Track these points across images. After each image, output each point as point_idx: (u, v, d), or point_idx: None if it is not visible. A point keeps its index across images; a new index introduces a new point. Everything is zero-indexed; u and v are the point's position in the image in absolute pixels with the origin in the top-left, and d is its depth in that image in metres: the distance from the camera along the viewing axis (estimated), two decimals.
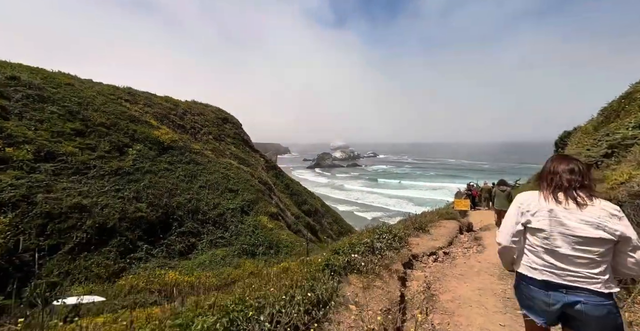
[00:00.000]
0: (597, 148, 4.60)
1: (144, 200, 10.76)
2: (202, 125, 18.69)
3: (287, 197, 27.86)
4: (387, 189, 74.73)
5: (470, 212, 10.06)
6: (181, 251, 11.26)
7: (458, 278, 3.40)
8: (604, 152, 4.42)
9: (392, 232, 3.81)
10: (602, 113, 9.51)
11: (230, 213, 14.45)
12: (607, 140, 4.55)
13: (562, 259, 1.51)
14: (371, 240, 3.34)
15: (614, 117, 6.94)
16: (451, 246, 4.58)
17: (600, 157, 4.42)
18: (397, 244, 3.64)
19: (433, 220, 6.24)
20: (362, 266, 2.76)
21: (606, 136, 4.74)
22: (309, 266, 2.83)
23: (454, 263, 3.87)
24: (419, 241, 4.39)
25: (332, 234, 29.04)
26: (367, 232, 3.95)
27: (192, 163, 14.80)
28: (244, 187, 17.05)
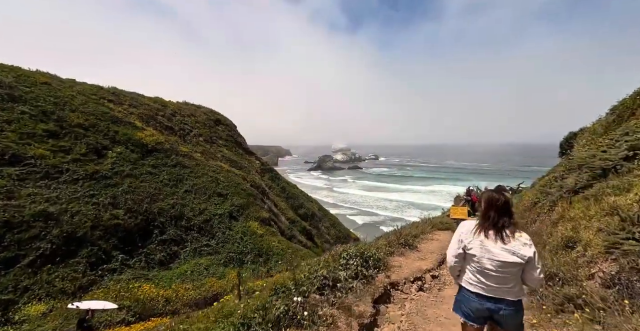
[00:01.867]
0: (615, 149, 3.94)
1: (121, 206, 10.12)
2: (192, 126, 18.11)
3: (283, 201, 27.19)
4: (386, 192, 73.83)
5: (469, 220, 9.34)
6: (161, 261, 10.59)
7: (443, 326, 2.68)
8: (624, 154, 3.76)
9: (365, 255, 3.10)
10: (612, 112, 8.81)
11: (217, 219, 13.80)
12: (627, 140, 3.89)
13: (489, 277, 1.98)
14: (330, 270, 2.65)
15: (628, 115, 6.27)
16: (442, 266, 3.91)
17: (620, 160, 3.77)
18: (371, 271, 2.97)
19: (425, 231, 5.56)
20: (306, 316, 2.08)
21: (625, 135, 4.07)
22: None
23: (441, 295, 3.16)
24: (402, 261, 3.71)
25: (329, 239, 28.32)
26: (331, 256, 3.25)
27: (178, 167, 14.17)
28: (234, 191, 16.41)
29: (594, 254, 2.43)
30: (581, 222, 2.95)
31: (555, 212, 4.12)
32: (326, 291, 2.46)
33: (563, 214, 3.49)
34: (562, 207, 3.82)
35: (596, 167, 3.99)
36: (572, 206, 3.48)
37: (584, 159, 4.39)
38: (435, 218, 6.54)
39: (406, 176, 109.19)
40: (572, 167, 4.76)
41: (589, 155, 4.35)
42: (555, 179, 5.23)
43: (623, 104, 8.54)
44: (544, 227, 3.89)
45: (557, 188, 4.71)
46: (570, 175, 4.59)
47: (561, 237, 2.98)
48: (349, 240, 30.67)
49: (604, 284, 2.08)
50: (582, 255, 2.57)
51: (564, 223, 3.25)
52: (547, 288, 2.32)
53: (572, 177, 4.40)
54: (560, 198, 4.43)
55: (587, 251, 2.53)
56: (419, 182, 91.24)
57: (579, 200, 3.45)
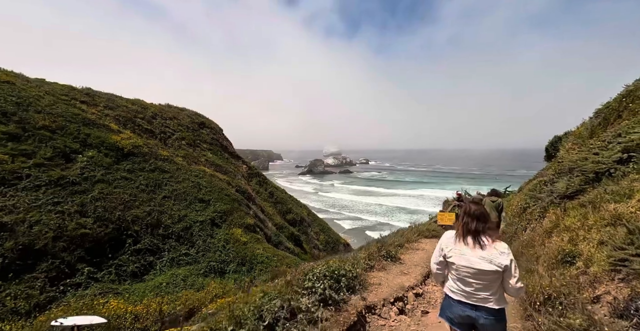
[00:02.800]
0: (608, 152, 3.70)
1: (90, 215, 9.40)
2: (174, 129, 17.41)
3: (271, 206, 26.58)
4: (375, 197, 73.87)
5: None
6: (134, 273, 9.86)
7: None
8: (618, 156, 3.51)
9: (337, 274, 2.66)
10: (597, 115, 8.77)
11: (198, 227, 13.13)
12: (620, 141, 3.65)
13: (468, 285, 2.09)
14: (290, 297, 2.19)
15: (614, 117, 6.14)
16: (428, 280, 3.53)
17: (613, 163, 3.52)
18: (343, 293, 2.54)
19: (410, 240, 5.19)
20: None
21: (618, 137, 3.85)
22: None
23: (425, 322, 2.74)
24: (383, 277, 3.31)
25: (318, 244, 27.78)
26: (294, 278, 2.78)
27: (157, 171, 13.47)
28: (217, 196, 15.77)
29: (597, 272, 2.11)
30: (579, 232, 2.65)
31: (547, 219, 3.84)
32: (279, 327, 2.01)
33: (557, 223, 3.19)
34: (554, 214, 3.54)
35: (588, 171, 3.74)
36: (567, 214, 3.19)
37: (575, 162, 4.15)
38: (421, 225, 6.19)
39: (396, 180, 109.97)
40: (563, 170, 4.53)
41: (580, 158, 4.10)
42: (545, 183, 5.00)
43: (608, 107, 8.52)
44: (536, 236, 3.59)
45: (548, 193, 4.46)
46: (561, 179, 4.35)
47: (557, 249, 2.66)
48: (339, 246, 30.22)
49: (614, 312, 1.75)
50: (583, 273, 2.25)
51: (559, 234, 2.94)
52: (546, 316, 1.98)
53: (563, 181, 4.15)
54: (551, 203, 4.16)
55: (589, 267, 2.20)
56: (408, 186, 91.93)
57: (574, 207, 3.16)
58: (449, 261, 2.14)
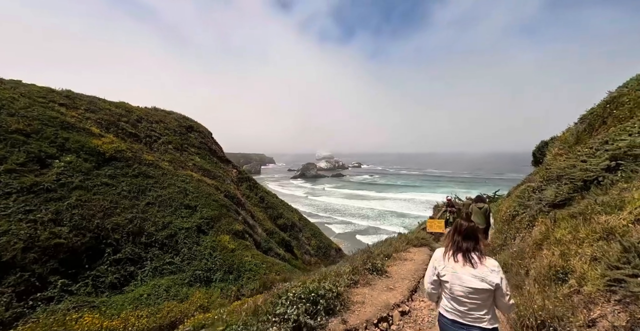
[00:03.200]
0: (596, 159, 3.61)
1: (65, 223, 8.91)
2: (160, 133, 16.95)
3: (261, 211, 26.18)
4: (367, 201, 73.97)
5: (448, 230, 8.99)
6: (113, 284, 9.38)
7: None
8: (605, 164, 3.43)
9: (315, 295, 2.43)
10: (582, 121, 8.86)
11: (183, 234, 12.69)
12: (607, 149, 3.58)
13: (461, 304, 2.07)
14: (257, 328, 1.94)
15: (599, 123, 6.15)
16: (415, 295, 3.33)
17: (602, 171, 3.43)
18: (321, 318, 2.31)
19: (398, 249, 5.01)
20: None
21: (605, 144, 3.78)
22: None
23: None
24: (367, 294, 3.09)
25: (309, 250, 27.43)
26: (264, 303, 2.54)
27: (140, 177, 13.01)
28: (204, 202, 15.36)
29: (592, 292, 1.96)
30: (570, 246, 2.51)
31: (536, 228, 3.72)
32: None
33: (547, 234, 3.06)
34: (544, 223, 3.41)
35: (577, 179, 3.65)
36: (556, 225, 3.07)
37: (564, 170, 4.06)
38: (410, 233, 6.03)
39: (387, 184, 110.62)
40: (551, 177, 4.45)
41: (568, 165, 4.02)
42: (534, 190, 4.92)
43: (592, 113, 8.62)
44: (526, 247, 3.46)
45: (536, 200, 4.36)
46: (549, 186, 4.26)
47: (548, 264, 2.52)
48: (330, 251, 29.92)
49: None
50: (576, 292, 2.10)
51: (549, 247, 2.81)
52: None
53: (552, 189, 4.06)
54: (540, 212, 4.06)
55: (583, 286, 2.06)
56: (399, 190, 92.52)
57: (564, 218, 3.04)
58: (442, 280, 2.14)
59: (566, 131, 11.20)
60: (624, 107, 5.35)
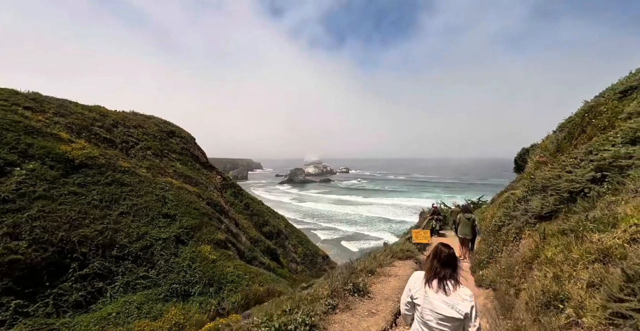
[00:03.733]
0: (581, 170, 3.51)
1: (24, 237, 8.15)
2: (138, 139, 16.19)
3: (246, 219, 25.50)
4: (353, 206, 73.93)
5: (433, 240, 8.83)
6: (78, 303, 8.62)
7: None
8: (591, 175, 3.32)
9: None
10: (561, 129, 8.99)
11: (160, 245, 11.99)
12: (592, 159, 3.48)
13: (430, 330, 2.06)
14: None
15: (579, 132, 6.18)
16: (399, 319, 3.05)
17: (587, 182, 3.31)
18: None
19: (383, 264, 4.75)
20: None
21: (589, 154, 3.69)
22: None
23: None
24: (346, 321, 2.78)
25: (296, 257, 26.85)
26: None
27: (114, 185, 12.26)
28: (184, 210, 14.68)
29: (592, 325, 1.74)
30: (564, 268, 2.32)
31: (524, 242, 3.55)
32: None
33: (537, 252, 2.88)
34: (532, 238, 3.24)
35: (562, 190, 3.53)
36: (546, 242, 2.89)
37: (549, 180, 3.95)
38: (395, 245, 5.79)
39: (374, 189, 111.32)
40: (536, 187, 4.34)
41: (553, 176, 3.91)
42: (519, 200, 4.81)
43: (571, 122, 8.77)
44: (514, 264, 3.27)
45: (522, 211, 4.22)
46: (534, 197, 4.14)
47: (541, 288, 2.31)
48: (317, 258, 29.43)
49: None
50: (574, 323, 1.88)
51: (540, 267, 2.61)
52: None
53: (537, 200, 3.93)
54: (526, 224, 3.91)
55: (582, 317, 1.84)
56: (386, 195, 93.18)
57: (554, 234, 2.88)
58: (415, 303, 2.17)
59: (546, 139, 11.41)
60: (602, 117, 5.38)
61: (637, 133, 3.40)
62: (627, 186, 2.79)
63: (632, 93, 5.17)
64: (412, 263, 5.45)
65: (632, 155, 3.09)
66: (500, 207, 7.76)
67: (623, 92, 5.55)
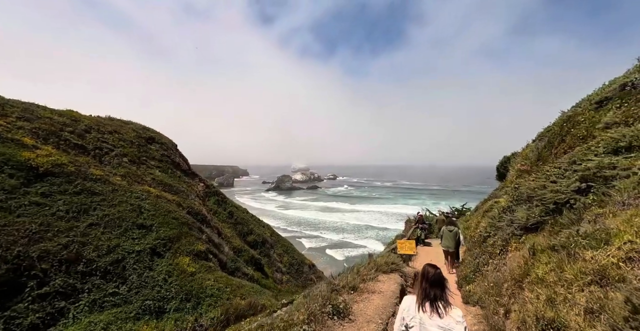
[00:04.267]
0: (566, 180, 3.41)
1: None
2: (114, 145, 15.38)
3: (230, 227, 24.70)
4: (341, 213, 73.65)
5: (419, 250, 8.67)
6: (34, 326, 7.80)
7: None
8: (576, 186, 3.22)
9: None
10: (540, 138, 9.14)
11: (133, 258, 11.24)
12: (576, 169, 3.40)
13: None
14: None
15: (558, 141, 6.23)
16: None
17: (572, 193, 3.21)
18: None
19: (366, 278, 4.47)
20: None
21: (573, 164, 3.62)
22: None
23: None
24: None
25: (281, 267, 26.16)
26: None
27: (84, 194, 11.46)
28: (162, 220, 13.94)
29: None
30: (557, 289, 2.13)
31: (510, 255, 3.38)
32: None
33: (527, 270, 2.69)
34: (520, 253, 3.08)
35: (548, 200, 3.42)
36: (536, 258, 2.72)
37: (534, 190, 3.85)
38: (379, 257, 5.54)
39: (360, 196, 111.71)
40: (521, 198, 4.23)
41: (538, 186, 3.81)
42: (504, 211, 4.70)
43: (550, 131, 8.95)
44: (502, 281, 3.08)
45: (507, 222, 4.09)
46: (519, 207, 4.02)
47: (535, 313, 2.11)
48: (303, 267, 28.80)
49: None
50: None
51: (532, 287, 2.42)
52: None
53: (522, 211, 3.81)
54: (512, 235, 3.76)
55: None
56: (373, 202, 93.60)
57: (543, 250, 2.71)
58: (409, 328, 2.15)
59: (526, 147, 11.65)
60: (580, 126, 5.44)
61: (618, 143, 3.36)
62: (614, 198, 2.68)
63: (607, 103, 5.26)
64: (396, 277, 5.20)
65: (615, 165, 3.02)
66: (485, 216, 7.70)
67: (599, 102, 5.65)
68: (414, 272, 6.34)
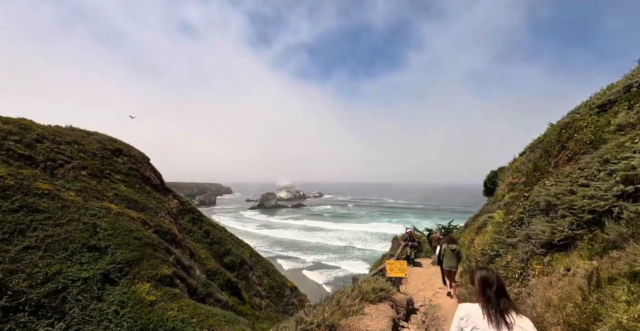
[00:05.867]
0: (602, 183, 2.68)
1: None
2: (71, 157, 13.79)
3: (205, 248, 22.72)
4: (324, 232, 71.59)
5: (410, 271, 7.68)
6: None
7: None
8: (619, 190, 2.48)
9: None
10: (532, 149, 8.70)
11: (77, 287, 9.51)
12: (613, 170, 2.68)
13: None
14: None
15: (558, 149, 5.69)
16: None
17: (615, 198, 2.47)
18: None
19: (348, 312, 3.45)
20: None
21: (606, 163, 2.90)
22: None
23: None
24: None
25: (260, 291, 24.12)
26: None
27: (22, 211, 9.81)
28: (121, 241, 12.25)
29: None
30: None
31: (536, 282, 2.53)
32: None
33: (594, 311, 1.81)
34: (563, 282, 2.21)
35: (579, 209, 2.66)
36: (604, 292, 1.86)
37: (556, 197, 3.07)
38: (365, 283, 4.54)
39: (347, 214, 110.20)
40: (536, 207, 3.47)
41: (562, 191, 3.05)
42: (514, 224, 3.90)
43: (541, 141, 8.55)
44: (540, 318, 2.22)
45: (523, 238, 3.27)
46: (536, 219, 3.25)
47: None
48: (285, 290, 26.77)
49: None
50: None
51: None
52: None
53: (542, 224, 3.02)
54: (532, 255, 2.94)
55: None
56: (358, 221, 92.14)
57: (613, 277, 1.89)
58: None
59: (514, 161, 11.32)
60: (585, 131, 4.95)
61: None
62: None
63: (612, 106, 4.84)
64: (387, 308, 4.19)
65: None
66: (480, 232, 6.91)
67: (600, 106, 5.25)
68: (406, 300, 5.31)
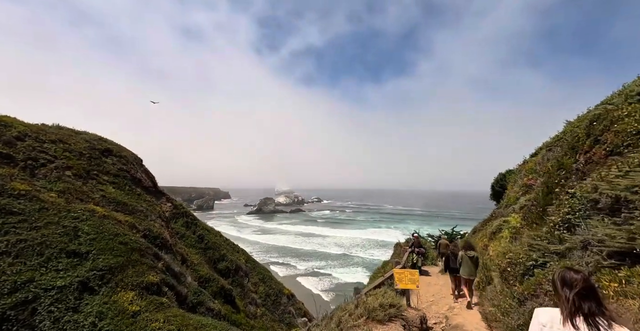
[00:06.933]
0: None
1: None
2: (55, 156, 13.02)
3: (198, 253, 21.79)
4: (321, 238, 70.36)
5: None
6: None
7: None
8: None
9: None
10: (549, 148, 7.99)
11: (51, 297, 8.62)
12: None
13: None
14: None
15: (590, 143, 4.99)
16: None
17: None
18: None
19: None
20: None
21: None
22: None
23: None
24: None
25: (256, 298, 23.08)
26: None
27: None
28: (104, 246, 11.40)
29: None
30: None
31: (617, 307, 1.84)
32: None
33: None
34: None
35: None
36: None
37: (628, 190, 2.33)
38: (371, 297, 3.77)
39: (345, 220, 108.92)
40: (593, 207, 2.71)
41: (610, 187, 2.30)
42: (558, 227, 3.14)
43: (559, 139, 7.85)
44: None
45: (578, 246, 2.50)
46: (595, 221, 2.50)
47: None
48: (281, 298, 25.71)
49: None
50: None
51: None
52: None
53: (609, 227, 2.28)
54: (598, 267, 2.22)
55: None
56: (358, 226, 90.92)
57: None
58: None
59: (527, 162, 10.66)
60: (626, 121, 4.27)
61: None
62: None
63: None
64: (398, 329, 3.41)
65: None
66: (498, 238, 6.13)
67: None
68: (418, 317, 4.48)
